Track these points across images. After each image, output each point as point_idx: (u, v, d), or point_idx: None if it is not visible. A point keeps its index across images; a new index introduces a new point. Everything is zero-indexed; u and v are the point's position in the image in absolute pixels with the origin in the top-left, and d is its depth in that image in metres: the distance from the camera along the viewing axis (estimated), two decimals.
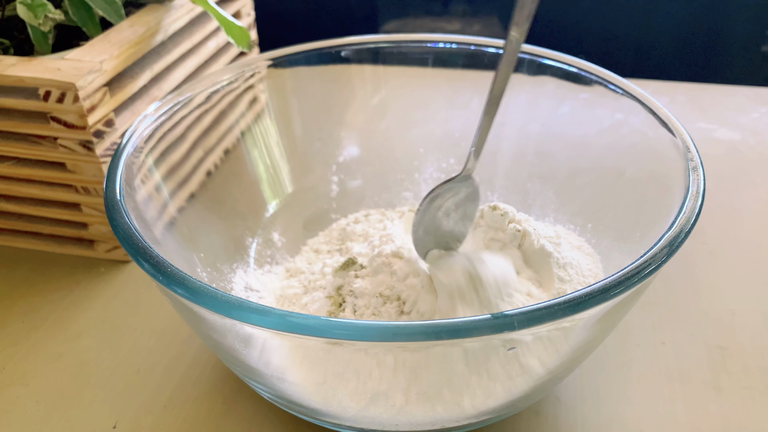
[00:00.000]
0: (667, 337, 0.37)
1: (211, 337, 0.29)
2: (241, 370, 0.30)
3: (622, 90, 0.38)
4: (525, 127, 0.44)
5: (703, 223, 0.45)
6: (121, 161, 0.32)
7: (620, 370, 0.35)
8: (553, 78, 0.41)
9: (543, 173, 0.43)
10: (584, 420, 0.33)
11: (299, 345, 0.27)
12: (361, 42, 0.45)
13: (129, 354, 0.37)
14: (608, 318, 0.28)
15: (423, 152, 0.47)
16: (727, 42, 0.70)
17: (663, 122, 0.35)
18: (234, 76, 0.41)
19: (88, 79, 0.37)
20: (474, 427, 0.31)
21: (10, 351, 0.37)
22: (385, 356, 0.27)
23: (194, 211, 0.39)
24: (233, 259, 0.39)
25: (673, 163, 0.32)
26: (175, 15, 0.45)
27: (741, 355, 0.36)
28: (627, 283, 0.25)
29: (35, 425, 0.33)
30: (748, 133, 0.56)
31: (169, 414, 0.34)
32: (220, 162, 0.44)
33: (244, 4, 0.54)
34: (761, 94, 0.61)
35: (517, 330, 0.23)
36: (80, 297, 0.41)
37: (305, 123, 0.46)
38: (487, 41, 0.43)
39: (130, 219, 0.29)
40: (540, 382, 0.29)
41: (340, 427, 0.31)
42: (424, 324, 0.23)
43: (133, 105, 0.42)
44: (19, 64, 0.38)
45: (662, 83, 0.63)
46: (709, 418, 0.33)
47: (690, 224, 0.27)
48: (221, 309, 0.24)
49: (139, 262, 0.27)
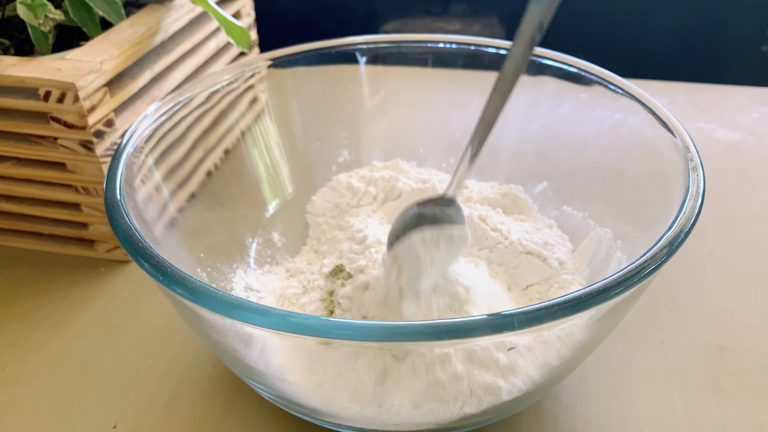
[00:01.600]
0: (667, 337, 0.37)
1: (211, 337, 0.29)
2: (241, 370, 0.30)
3: (622, 90, 0.38)
4: (525, 127, 0.44)
5: (703, 223, 0.45)
6: (121, 161, 0.32)
7: (620, 370, 0.35)
8: (553, 78, 0.41)
9: (543, 173, 0.43)
10: (584, 420, 0.33)
11: (299, 345, 0.27)
12: (361, 42, 0.45)
13: (129, 354, 0.37)
14: (608, 318, 0.28)
15: (423, 152, 0.47)
16: (727, 42, 0.70)
17: (663, 122, 0.35)
18: (234, 76, 0.41)
19: (88, 79, 0.37)
20: (474, 426, 0.31)
21: (10, 351, 0.37)
22: (385, 356, 0.27)
23: (194, 211, 0.39)
24: (233, 259, 0.39)
25: (673, 163, 0.32)
26: (175, 15, 0.45)
27: (741, 355, 0.36)
28: (627, 283, 0.25)
29: (35, 425, 0.33)
30: (748, 133, 0.56)
31: (169, 414, 0.34)
32: (220, 162, 0.44)
33: (244, 4, 0.54)
34: (761, 94, 0.61)
35: (517, 330, 0.23)
36: (80, 297, 0.41)
37: (305, 123, 0.46)
38: (487, 41, 0.43)
39: (130, 219, 0.29)
40: (540, 382, 0.29)
41: (340, 427, 0.31)
42: (424, 324, 0.23)
43: (133, 105, 0.42)
44: (19, 64, 0.38)
45: (662, 83, 0.63)
46: (709, 418, 0.33)
47: (690, 224, 0.27)
48: (221, 309, 0.24)
49: (139, 262, 0.27)
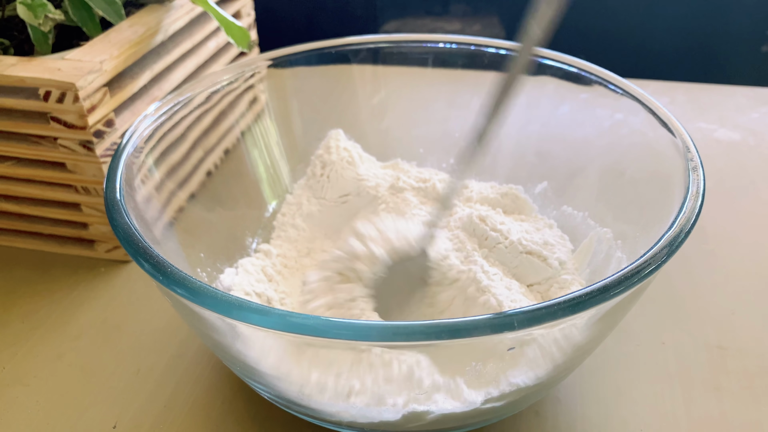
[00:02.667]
0: (667, 337, 0.37)
1: (211, 337, 0.29)
2: (241, 370, 0.30)
3: (622, 90, 0.38)
4: (525, 127, 0.44)
5: (703, 223, 0.45)
6: (121, 161, 0.32)
7: (620, 370, 0.35)
8: (553, 78, 0.41)
9: (543, 173, 0.43)
10: (584, 420, 0.33)
11: (299, 345, 0.27)
12: (361, 42, 0.45)
13: (129, 354, 0.37)
14: (608, 318, 0.28)
15: (423, 152, 0.47)
16: (727, 42, 0.70)
17: (663, 122, 0.35)
18: (234, 76, 0.41)
19: (88, 79, 0.37)
20: (474, 426, 0.31)
21: (10, 351, 0.37)
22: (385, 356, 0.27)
23: (194, 211, 0.39)
24: (233, 259, 0.39)
25: (673, 163, 0.32)
26: (175, 15, 0.45)
27: (741, 355, 0.36)
28: (627, 283, 0.25)
29: (35, 425, 0.33)
30: (748, 133, 0.56)
31: (169, 414, 0.34)
32: (220, 162, 0.44)
33: (244, 4, 0.54)
34: (761, 94, 0.61)
35: (517, 330, 0.23)
36: (80, 297, 0.41)
37: (305, 123, 0.46)
38: (487, 41, 0.43)
39: (130, 219, 0.29)
40: (540, 382, 0.29)
41: (340, 426, 0.31)
42: (424, 324, 0.23)
43: (133, 105, 0.42)
44: (19, 64, 0.38)
45: (662, 83, 0.63)
46: (709, 418, 0.33)
47: (690, 224, 0.27)
48: (221, 309, 0.24)
49: (139, 262, 0.27)
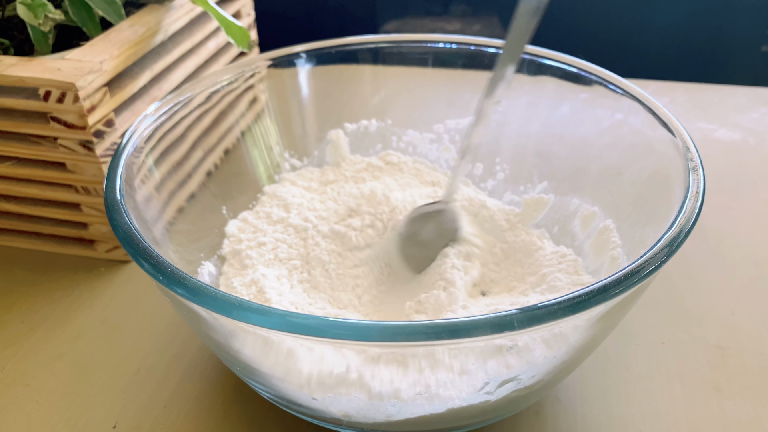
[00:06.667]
0: (667, 337, 0.37)
1: (211, 337, 0.29)
2: (241, 370, 0.30)
3: (622, 90, 0.38)
4: (525, 127, 0.44)
5: (703, 223, 0.45)
6: (121, 161, 0.32)
7: (620, 370, 0.35)
8: (553, 78, 0.41)
9: (543, 173, 0.43)
10: (584, 420, 0.33)
11: (299, 344, 0.27)
12: (361, 42, 0.45)
13: (129, 354, 0.37)
14: (608, 318, 0.28)
15: (423, 152, 0.47)
16: (727, 42, 0.70)
17: (663, 122, 0.35)
18: (234, 76, 0.41)
19: (88, 79, 0.37)
20: (474, 426, 0.31)
21: (10, 351, 0.37)
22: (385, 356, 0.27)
23: (194, 211, 0.39)
24: None
25: (673, 163, 0.32)
26: (175, 15, 0.45)
27: (741, 355, 0.36)
28: (627, 283, 0.25)
29: (35, 425, 0.33)
30: (748, 133, 0.56)
31: (169, 414, 0.34)
32: (220, 162, 0.44)
33: (244, 4, 0.54)
34: (761, 94, 0.61)
35: (517, 330, 0.23)
36: (80, 297, 0.41)
37: (305, 123, 0.46)
38: (487, 41, 0.43)
39: (130, 219, 0.29)
40: (540, 382, 0.29)
41: (340, 426, 0.31)
42: (424, 324, 0.23)
43: (133, 105, 0.42)
44: (19, 64, 0.38)
45: (662, 83, 0.63)
46: (709, 418, 0.33)
47: (690, 224, 0.27)
48: (221, 309, 0.24)
49: (139, 262, 0.27)
